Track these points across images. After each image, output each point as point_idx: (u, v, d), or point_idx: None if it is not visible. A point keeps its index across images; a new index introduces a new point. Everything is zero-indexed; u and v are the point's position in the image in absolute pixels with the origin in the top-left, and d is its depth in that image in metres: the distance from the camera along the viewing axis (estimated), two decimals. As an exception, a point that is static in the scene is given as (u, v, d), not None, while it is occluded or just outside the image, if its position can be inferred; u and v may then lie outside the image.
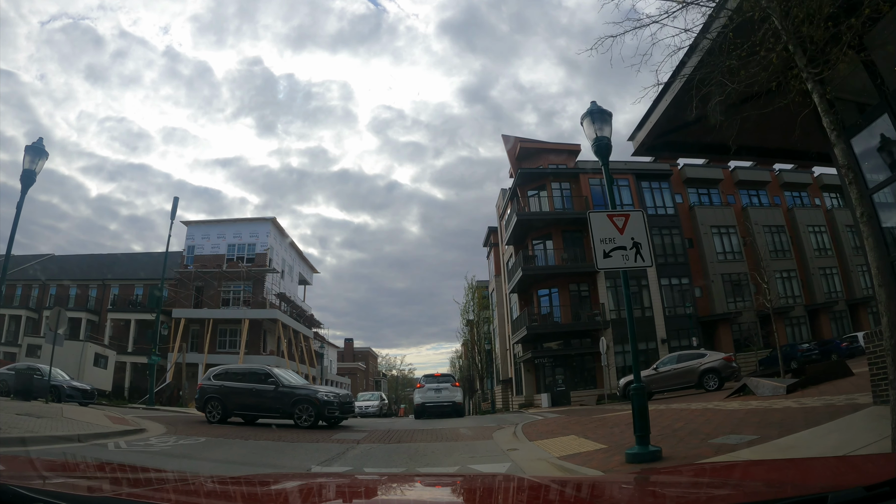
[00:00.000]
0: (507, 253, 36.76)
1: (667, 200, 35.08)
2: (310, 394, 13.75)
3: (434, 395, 20.25)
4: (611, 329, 29.97)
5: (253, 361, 33.83)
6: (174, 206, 28.78)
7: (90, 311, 40.76)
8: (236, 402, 14.03)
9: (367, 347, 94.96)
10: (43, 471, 1.83)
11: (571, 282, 31.19)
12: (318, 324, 47.18)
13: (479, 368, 36.38)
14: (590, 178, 33.64)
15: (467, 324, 44.38)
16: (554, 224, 31.76)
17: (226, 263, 37.40)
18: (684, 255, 33.92)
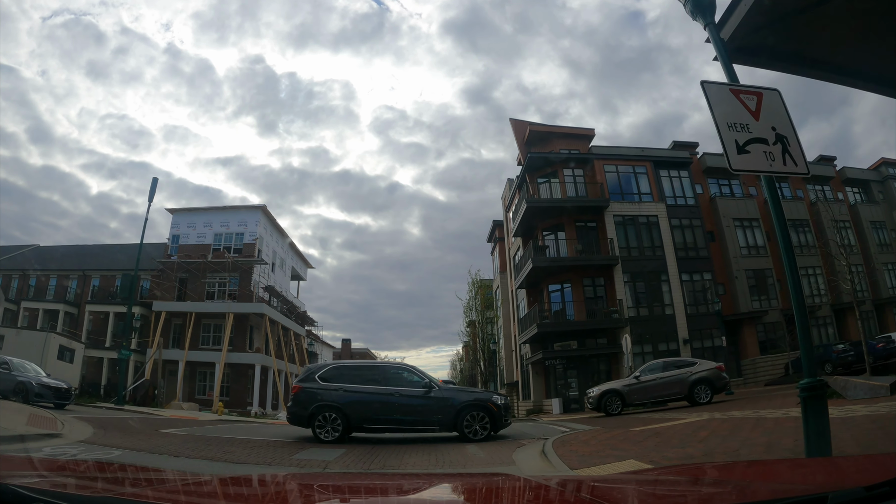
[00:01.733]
0: (515, 246, 33.38)
1: (686, 190, 31.75)
2: (482, 398, 10.71)
3: None
4: (629, 328, 26.53)
5: (238, 359, 30.44)
6: (153, 187, 25.43)
7: (68, 304, 37.37)
8: (365, 413, 10.22)
9: (366, 348, 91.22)
10: (43, 470, 1.77)
11: (586, 276, 27.81)
12: (311, 321, 43.66)
13: (482, 370, 32.80)
14: (605, 165, 30.32)
15: (469, 325, 40.90)
16: (566, 212, 28.39)
17: (211, 254, 33.90)
18: (706, 249, 30.58)
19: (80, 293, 38.70)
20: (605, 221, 28.51)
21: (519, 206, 29.74)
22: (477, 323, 34.72)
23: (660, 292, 28.43)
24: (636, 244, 29.01)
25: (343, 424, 10.00)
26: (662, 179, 31.41)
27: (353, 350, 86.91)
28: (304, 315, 41.55)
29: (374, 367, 11.54)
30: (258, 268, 34.01)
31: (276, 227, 38.30)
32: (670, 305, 28.24)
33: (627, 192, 30.18)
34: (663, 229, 29.54)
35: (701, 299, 29.59)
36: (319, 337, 47.49)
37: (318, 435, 9.97)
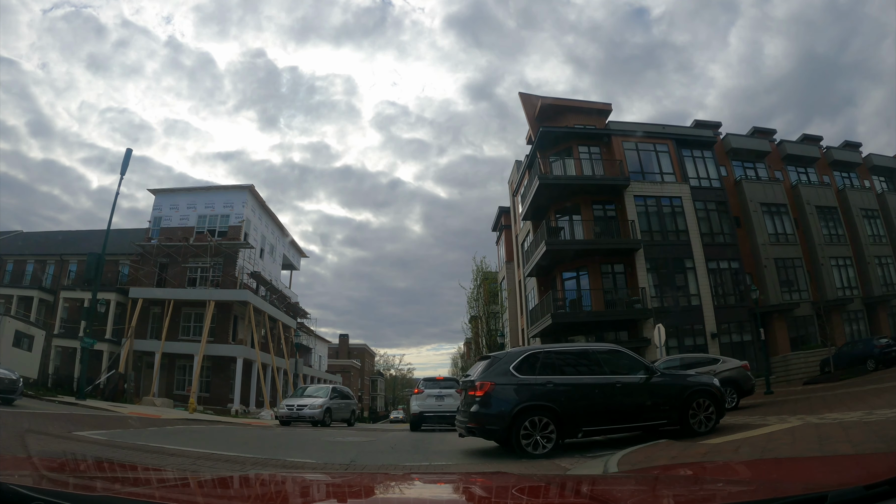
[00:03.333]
0: (524, 232, 29.91)
1: (711, 171, 28.38)
2: (706, 382, 8.53)
3: (435, 402, 15.24)
4: (653, 320, 23.09)
5: (218, 351, 26.93)
6: (126, 159, 22.01)
7: (44, 290, 33.78)
8: (583, 412, 7.62)
9: (364, 344, 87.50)
10: (42, 469, 1.68)
11: (604, 262, 24.40)
12: (304, 313, 40.07)
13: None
14: (623, 142, 26.89)
15: (471, 320, 37.32)
16: (582, 192, 24.98)
17: (194, 237, 30.34)
18: (733, 236, 27.18)
19: (58, 279, 35.25)
20: (626, 203, 25.10)
21: (530, 186, 26.28)
22: (480, 318, 31.00)
23: (685, 281, 25.04)
24: (658, 228, 25.60)
25: (557, 430, 7.30)
26: (685, 159, 28.04)
27: (351, 346, 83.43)
28: (296, 307, 38.00)
29: (583, 352, 8.77)
30: (244, 252, 30.48)
31: (265, 209, 34.72)
32: (696, 296, 24.85)
33: (648, 171, 26.77)
34: (688, 212, 26.16)
35: (730, 290, 26.22)
36: (313, 330, 43.85)
37: (526, 447, 7.13)
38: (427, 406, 14.86)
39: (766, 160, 31.26)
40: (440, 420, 14.81)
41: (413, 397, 16.03)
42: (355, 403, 19.93)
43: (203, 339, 26.81)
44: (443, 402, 14.82)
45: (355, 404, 19.93)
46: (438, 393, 15.01)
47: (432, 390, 15.14)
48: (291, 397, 19.01)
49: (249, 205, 31.94)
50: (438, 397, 14.94)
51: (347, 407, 18.97)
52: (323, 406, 16.89)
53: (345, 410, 18.63)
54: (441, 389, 15.14)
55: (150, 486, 1.73)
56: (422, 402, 14.98)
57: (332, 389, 18.59)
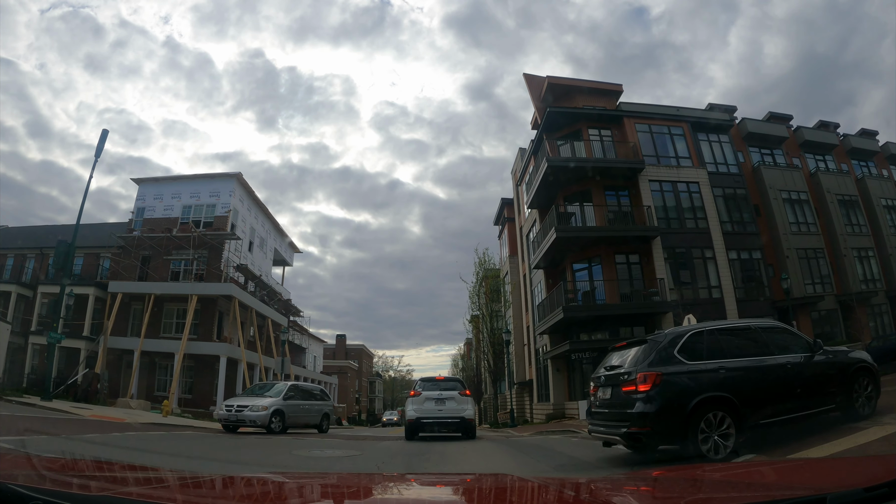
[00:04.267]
0: (529, 222, 27.60)
1: (728, 156, 26.21)
2: (863, 358, 7.31)
3: (434, 406, 12.65)
4: (671, 315, 20.84)
5: (201, 349, 24.54)
6: (101, 140, 19.75)
7: (23, 285, 31.38)
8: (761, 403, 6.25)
9: (361, 345, 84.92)
10: (41, 469, 1.67)
11: (619, 251, 22.15)
12: (297, 311, 37.60)
13: (490, 365, 26.74)
14: (636, 123, 24.65)
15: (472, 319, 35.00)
16: (593, 176, 22.71)
17: (177, 227, 27.95)
18: (753, 224, 24.99)
19: (38, 273, 32.87)
20: (640, 188, 22.85)
21: (536, 171, 24.03)
22: (484, 315, 28.52)
23: (705, 272, 22.78)
24: (676, 215, 23.36)
25: (735, 425, 5.92)
26: (701, 143, 25.81)
27: (349, 347, 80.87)
28: (288, 304, 35.56)
29: (746, 329, 7.34)
30: (230, 244, 28.08)
31: (255, 200, 32.30)
32: (717, 288, 22.60)
33: (663, 155, 24.53)
34: (706, 198, 23.94)
35: (751, 281, 23.99)
36: (307, 329, 41.35)
37: (705, 451, 5.71)
38: (425, 411, 12.38)
39: (784, 146, 29.11)
40: (440, 426, 12.53)
41: (409, 401, 13.09)
42: (329, 405, 16.04)
43: (184, 337, 24.41)
44: (443, 407, 12.44)
45: (329, 406, 16.01)
46: (438, 395, 12.56)
47: (431, 392, 12.66)
48: (239, 396, 16.54)
49: (237, 194, 29.56)
50: (438, 400, 12.49)
51: (316, 409, 15.13)
52: (270, 408, 13.02)
53: (311, 414, 14.89)
54: (441, 391, 12.66)
55: (149, 485, 1.70)
56: (419, 406, 12.48)
57: (291, 387, 14.60)
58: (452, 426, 12.53)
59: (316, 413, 15.15)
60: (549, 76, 25.63)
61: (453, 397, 12.50)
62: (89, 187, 19.40)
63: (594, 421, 6.94)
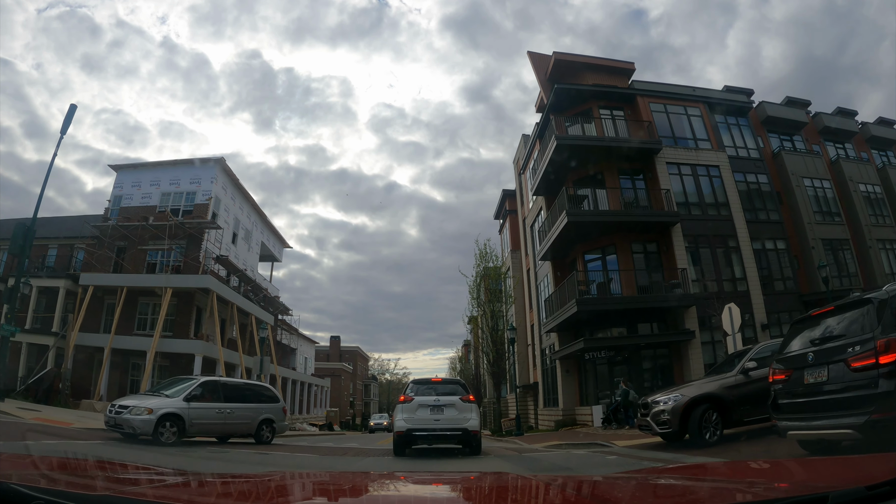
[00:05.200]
0: (534, 212, 25.19)
1: (748, 140, 23.92)
2: None
3: (430, 415, 9.84)
4: (695, 309, 18.47)
5: (175, 347, 21.99)
6: (68, 115, 17.38)
7: (-7, 280, 28.66)
8: None
9: (356, 347, 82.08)
10: (43, 469, 1.65)
11: (635, 239, 19.76)
12: (285, 309, 34.95)
13: (490, 363, 24.05)
14: (651, 103, 22.33)
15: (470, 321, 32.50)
16: (606, 158, 20.37)
17: (154, 216, 25.38)
18: (777, 212, 22.65)
19: (10, 267, 30.22)
20: (657, 170, 20.51)
21: (543, 154, 21.66)
22: (482, 313, 25.83)
23: (728, 262, 20.41)
24: (696, 201, 21.02)
25: None
26: (720, 126, 23.54)
27: (343, 349, 78.06)
28: (275, 301, 32.93)
29: None
30: (211, 235, 25.50)
31: (239, 189, 29.74)
32: (742, 280, 20.24)
33: (680, 136, 22.21)
34: (727, 184, 21.64)
35: (777, 273, 21.65)
36: (297, 329, 38.69)
37: None
38: (418, 421, 9.66)
39: (803, 132, 26.87)
40: (437, 440, 9.85)
41: (398, 408, 10.19)
42: (273, 409, 12.64)
43: (156, 333, 21.82)
44: (441, 416, 9.77)
45: (273, 410, 12.62)
46: (435, 402, 9.88)
47: (426, 397, 10.00)
48: (136, 394, 14.07)
49: (220, 181, 27.01)
50: (435, 408, 9.81)
51: (248, 414, 11.87)
52: (158, 411, 9.89)
53: (238, 420, 11.61)
54: (439, 396, 10.01)
55: (151, 485, 1.68)
56: (410, 414, 9.76)
57: (202, 384, 11.31)
58: (452, 438, 9.87)
59: (248, 419, 11.95)
60: (556, 52, 23.31)
61: (453, 404, 9.85)
62: (52, 165, 16.99)
63: (793, 416, 5.52)
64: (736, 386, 9.25)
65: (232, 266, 26.36)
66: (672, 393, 9.34)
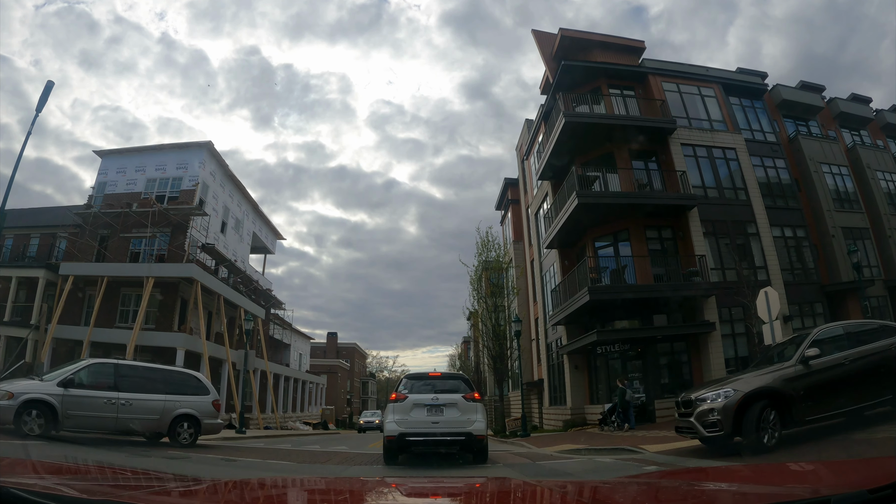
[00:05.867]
0: (539, 197, 23.58)
1: (764, 124, 22.44)
2: None
3: (426, 417, 8.21)
4: (714, 299, 16.89)
5: (157, 340, 20.33)
6: (45, 93, 15.58)
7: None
8: None
9: (354, 344, 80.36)
10: (43, 473, 1.68)
11: (649, 224, 18.13)
12: (278, 303, 33.25)
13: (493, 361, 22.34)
14: (663, 82, 20.77)
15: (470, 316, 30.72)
16: (616, 139, 18.82)
17: (138, 203, 23.70)
18: (795, 199, 21.16)
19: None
20: (672, 151, 18.95)
21: (549, 136, 20.09)
22: (484, 305, 23.99)
23: (748, 250, 18.82)
24: (713, 184, 19.46)
25: None
26: (734, 108, 22.01)
27: (340, 345, 76.36)
28: (268, 294, 31.23)
29: None
30: (197, 221, 23.80)
31: (229, 176, 28.04)
32: (763, 269, 18.69)
33: (695, 117, 20.66)
34: (744, 167, 20.12)
35: (797, 262, 20.13)
36: (290, 324, 36.96)
37: None
38: (413, 424, 8.03)
39: (818, 118, 25.36)
40: (435, 445, 8.17)
41: (389, 407, 8.36)
42: (200, 403, 10.23)
43: (136, 325, 20.15)
44: (440, 417, 8.13)
45: (200, 405, 10.19)
46: (433, 400, 8.20)
47: (422, 395, 8.30)
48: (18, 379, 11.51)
49: (208, 166, 25.33)
50: (433, 408, 8.16)
51: (160, 407, 9.60)
52: (20, 396, 8.17)
53: (139, 412, 9.34)
54: (437, 394, 8.31)
55: (149, 490, 1.66)
56: (403, 415, 8.11)
57: (90, 367, 9.38)
58: (454, 445, 8.20)
59: (156, 413, 9.56)
60: (562, 29, 21.68)
61: (455, 403, 8.20)
62: (26, 145, 15.32)
63: None
64: (796, 378, 7.66)
65: (219, 255, 24.64)
66: (721, 387, 7.73)
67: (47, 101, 15.59)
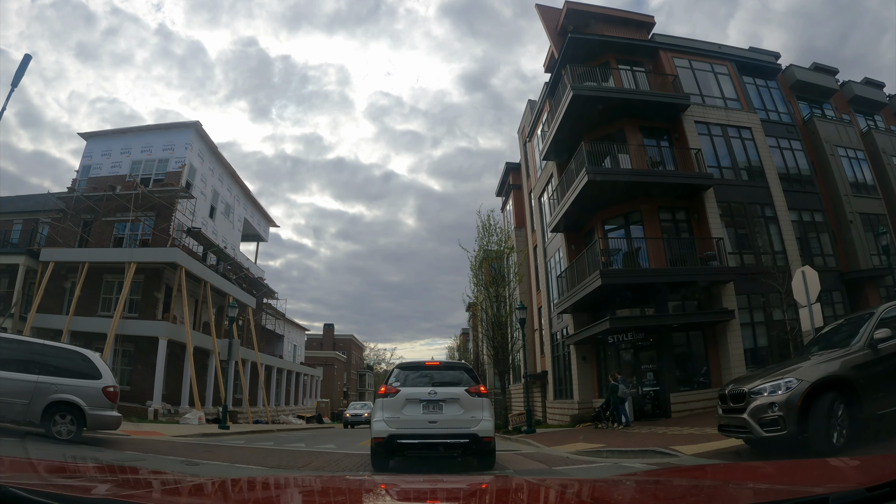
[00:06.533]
0: (544, 179, 22.20)
1: (779, 104, 21.12)
2: None
3: (422, 415, 6.62)
4: (733, 285, 15.59)
5: (138, 329, 18.94)
6: (21, 66, 14.22)
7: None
8: None
9: (351, 335, 78.98)
10: (43, 472, 1.61)
11: (662, 205, 16.76)
12: (270, 292, 31.80)
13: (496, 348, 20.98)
14: (675, 58, 19.40)
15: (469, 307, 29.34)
16: (628, 114, 17.46)
17: (122, 185, 22.21)
18: (812, 183, 19.85)
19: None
20: (685, 129, 17.58)
21: (555, 114, 18.67)
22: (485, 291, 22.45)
23: (766, 234, 17.52)
24: (729, 164, 18.11)
25: None
26: (748, 87, 20.68)
27: (337, 337, 74.94)
28: (259, 282, 29.77)
29: None
30: (185, 206, 22.31)
31: (219, 159, 26.53)
32: (782, 254, 17.35)
33: (708, 95, 19.31)
34: (760, 147, 18.81)
35: (816, 248, 18.85)
36: (283, 314, 35.51)
37: None
38: (405, 423, 6.59)
39: (832, 100, 24.04)
40: (434, 448, 6.59)
41: (377, 404, 6.86)
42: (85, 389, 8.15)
43: (116, 313, 18.72)
44: (439, 416, 6.68)
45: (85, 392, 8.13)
46: (430, 394, 6.73)
47: (418, 389, 6.85)
48: None
49: (195, 148, 23.81)
50: (430, 404, 6.70)
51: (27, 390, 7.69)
52: None
53: None
54: (435, 387, 6.85)
55: (150, 488, 1.63)
56: (394, 413, 6.68)
57: None
58: (455, 448, 6.67)
59: (23, 397, 7.63)
60: (568, 1, 20.23)
61: (456, 398, 6.73)
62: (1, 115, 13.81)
63: None
64: (866, 365, 6.34)
65: (207, 240, 23.16)
66: (780, 377, 6.38)
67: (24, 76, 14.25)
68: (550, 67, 21.79)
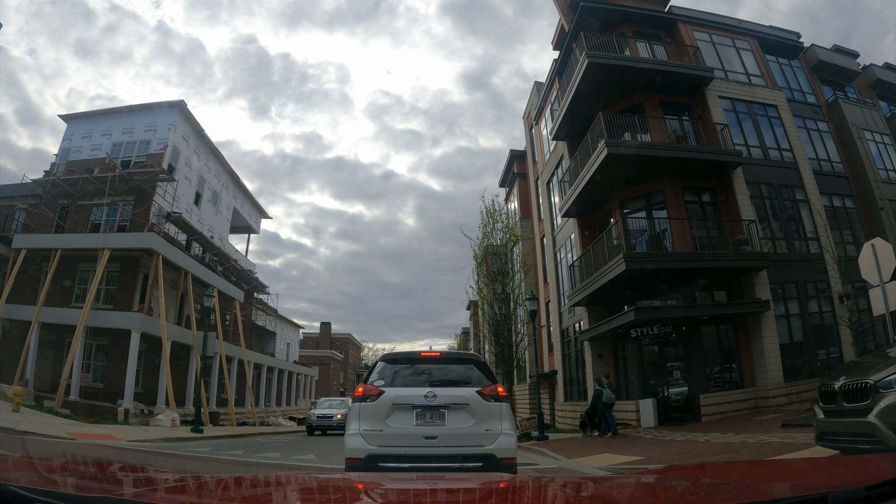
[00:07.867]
0: (553, 161, 20.36)
1: (803, 83, 19.40)
2: None
3: (414, 427, 4.36)
4: (766, 273, 13.75)
5: (110, 321, 16.96)
6: None
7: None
8: None
9: (348, 334, 76.93)
10: (42, 471, 1.57)
11: (686, 185, 14.94)
12: (261, 287, 29.77)
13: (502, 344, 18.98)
14: (695, 31, 17.60)
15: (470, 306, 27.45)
16: (646, 87, 15.65)
17: (100, 168, 20.25)
18: (842, 165, 18.12)
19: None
20: (709, 104, 15.77)
21: (565, 90, 16.86)
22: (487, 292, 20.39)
23: (797, 218, 15.72)
24: (756, 143, 16.31)
25: None
26: (771, 64, 18.95)
27: (334, 336, 72.86)
28: (249, 276, 27.75)
29: None
30: (166, 191, 20.34)
31: (206, 142, 24.56)
32: (815, 240, 15.52)
33: (731, 70, 17.56)
34: (788, 127, 17.05)
35: (848, 234, 17.08)
36: (276, 310, 33.46)
37: None
38: (393, 437, 4.57)
39: (854, 84, 22.34)
40: (434, 464, 4.49)
41: (353, 409, 4.70)
42: None
43: (87, 304, 16.75)
44: (441, 427, 4.62)
45: None
46: (427, 397, 4.65)
47: (409, 389, 4.75)
48: None
49: (179, 129, 21.88)
50: (427, 410, 4.64)
51: None
52: None
53: None
54: (435, 387, 4.75)
55: (150, 487, 1.55)
56: (376, 424, 4.62)
57: None
58: (468, 467, 4.58)
59: None
60: (581, -29, 18.41)
61: (465, 402, 4.72)
62: None
63: None
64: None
65: (188, 227, 21.16)
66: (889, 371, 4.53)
67: None
68: (560, 44, 19.97)
